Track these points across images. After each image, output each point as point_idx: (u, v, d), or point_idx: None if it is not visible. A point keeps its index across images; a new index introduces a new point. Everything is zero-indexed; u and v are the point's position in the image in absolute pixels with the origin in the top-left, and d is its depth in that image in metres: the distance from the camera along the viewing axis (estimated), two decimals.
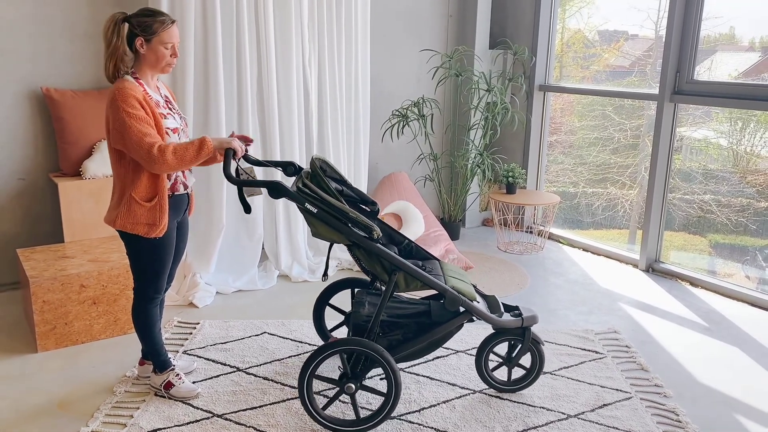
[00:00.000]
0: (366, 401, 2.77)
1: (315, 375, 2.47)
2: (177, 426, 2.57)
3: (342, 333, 3.38)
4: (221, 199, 3.91)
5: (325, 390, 2.84)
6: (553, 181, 5.49)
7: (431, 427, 2.61)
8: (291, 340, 3.34)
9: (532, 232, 5.32)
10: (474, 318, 2.65)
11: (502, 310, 2.72)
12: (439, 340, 2.66)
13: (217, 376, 2.96)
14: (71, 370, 3.01)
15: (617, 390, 2.91)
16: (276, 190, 2.44)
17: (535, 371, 2.80)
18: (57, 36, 3.78)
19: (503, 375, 2.94)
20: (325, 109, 4.31)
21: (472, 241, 5.11)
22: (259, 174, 4.11)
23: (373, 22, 4.88)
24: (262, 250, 4.26)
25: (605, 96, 4.89)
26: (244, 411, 2.69)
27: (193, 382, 2.87)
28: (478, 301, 2.67)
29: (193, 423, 2.60)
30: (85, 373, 2.99)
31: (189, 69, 3.69)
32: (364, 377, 2.52)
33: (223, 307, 3.76)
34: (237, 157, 2.52)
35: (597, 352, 3.26)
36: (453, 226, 5.06)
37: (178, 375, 2.79)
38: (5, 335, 3.34)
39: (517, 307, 2.75)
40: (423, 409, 2.73)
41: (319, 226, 2.49)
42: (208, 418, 2.63)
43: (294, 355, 3.17)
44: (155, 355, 2.76)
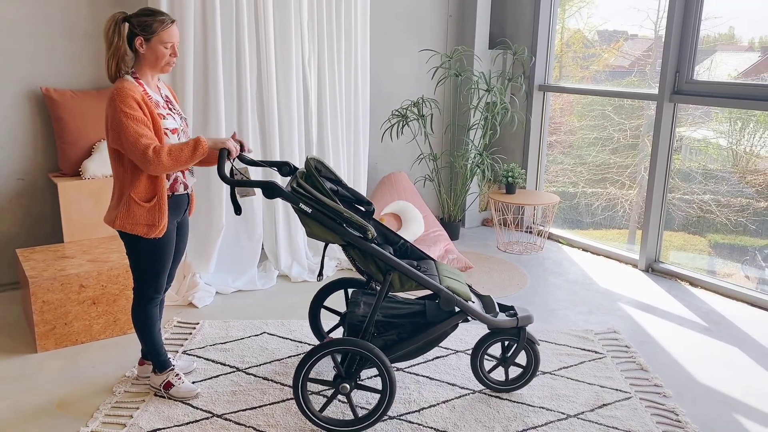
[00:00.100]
0: (366, 401, 2.77)
1: (309, 377, 2.47)
2: (177, 426, 2.57)
3: (339, 334, 3.38)
4: (221, 200, 3.91)
5: (324, 390, 2.84)
6: (552, 181, 5.49)
7: (431, 427, 2.61)
8: (291, 340, 3.34)
9: (531, 232, 5.32)
10: (469, 318, 2.65)
11: (497, 310, 2.72)
12: (434, 339, 2.66)
13: (217, 376, 2.96)
14: (71, 370, 3.01)
15: (617, 390, 2.91)
16: (270, 190, 2.44)
17: (530, 371, 2.80)
18: (57, 36, 3.78)
19: (501, 375, 2.94)
20: (325, 108, 4.31)
21: (471, 241, 5.11)
22: (257, 175, 4.11)
23: (372, 22, 4.88)
24: (261, 250, 4.26)
25: (605, 96, 4.89)
26: (243, 411, 2.69)
27: (193, 382, 2.87)
28: (473, 301, 2.67)
29: (192, 423, 2.60)
30: (84, 373, 2.99)
31: (189, 69, 3.69)
32: (358, 377, 2.52)
33: (222, 307, 3.76)
34: (231, 157, 2.52)
35: (596, 352, 3.26)
36: (452, 226, 5.06)
37: (177, 375, 2.79)
38: (5, 335, 3.34)
39: (512, 307, 2.75)
40: (422, 409, 2.74)
41: (314, 226, 2.49)
42: (208, 418, 2.63)
43: (293, 355, 3.17)
44: (155, 355, 2.76)
